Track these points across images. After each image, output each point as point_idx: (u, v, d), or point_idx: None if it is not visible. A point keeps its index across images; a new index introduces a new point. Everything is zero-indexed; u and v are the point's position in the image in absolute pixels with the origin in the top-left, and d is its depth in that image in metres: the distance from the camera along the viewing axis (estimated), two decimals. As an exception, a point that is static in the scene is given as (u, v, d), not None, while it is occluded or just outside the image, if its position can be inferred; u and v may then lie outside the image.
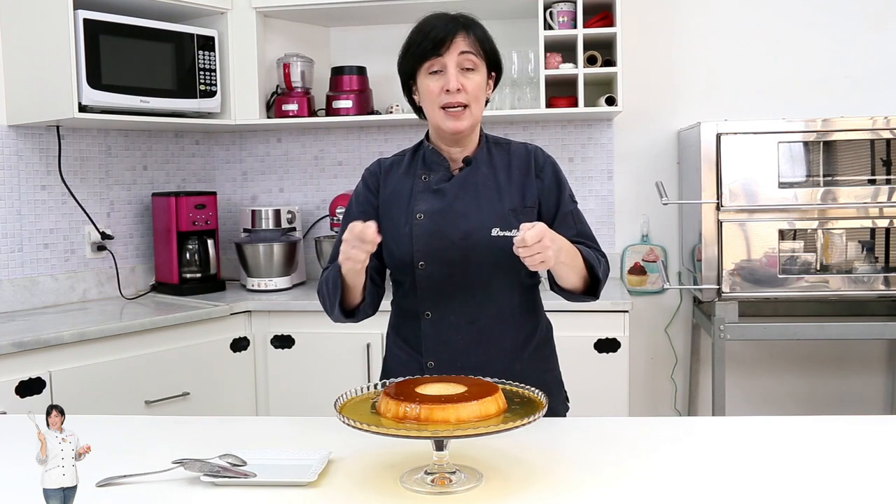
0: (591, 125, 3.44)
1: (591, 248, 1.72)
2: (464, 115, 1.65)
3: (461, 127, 1.65)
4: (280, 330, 3.03)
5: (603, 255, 1.74)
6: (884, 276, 2.84)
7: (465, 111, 1.65)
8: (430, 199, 1.70)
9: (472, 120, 1.67)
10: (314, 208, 3.65)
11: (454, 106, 1.64)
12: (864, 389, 3.38)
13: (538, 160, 1.75)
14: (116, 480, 1.29)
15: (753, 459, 1.36)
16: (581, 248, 1.66)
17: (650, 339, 3.47)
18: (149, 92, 2.92)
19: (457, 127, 1.65)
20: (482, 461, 1.34)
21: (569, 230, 1.71)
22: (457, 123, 1.65)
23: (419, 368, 1.71)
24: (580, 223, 1.76)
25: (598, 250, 1.73)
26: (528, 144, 1.78)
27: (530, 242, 1.43)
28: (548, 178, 1.73)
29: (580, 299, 1.71)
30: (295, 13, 3.31)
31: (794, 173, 2.90)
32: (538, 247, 1.44)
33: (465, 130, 1.67)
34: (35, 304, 2.98)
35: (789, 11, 3.30)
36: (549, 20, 3.11)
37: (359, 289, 1.64)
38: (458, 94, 1.63)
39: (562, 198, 1.74)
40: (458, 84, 1.63)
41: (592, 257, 1.67)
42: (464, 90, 1.64)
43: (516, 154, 1.75)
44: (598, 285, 1.69)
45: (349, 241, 1.50)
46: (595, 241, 1.76)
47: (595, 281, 1.68)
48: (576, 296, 1.69)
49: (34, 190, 3.00)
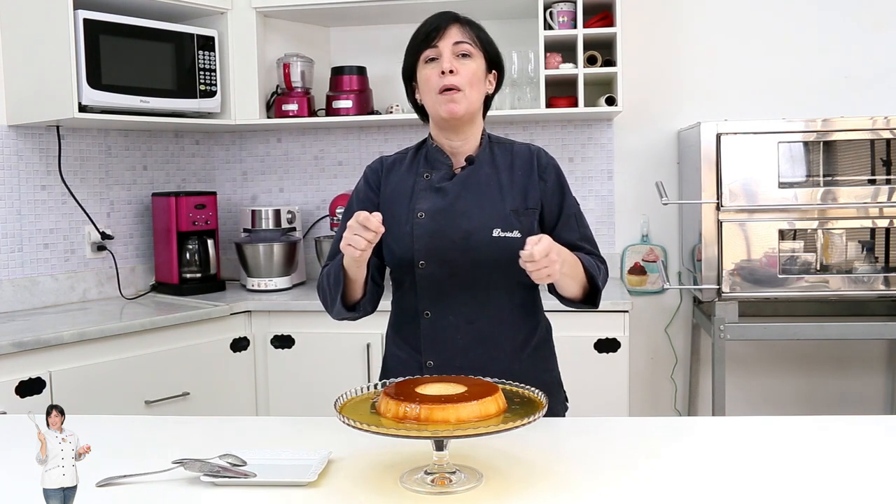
0: (591, 125, 3.44)
1: (592, 255, 1.73)
2: (458, 97, 1.65)
3: (456, 109, 1.65)
4: (280, 330, 3.03)
5: (603, 262, 1.74)
6: (884, 276, 2.84)
7: (459, 94, 1.65)
8: (432, 198, 1.70)
9: (467, 104, 1.66)
10: (314, 208, 3.65)
11: (449, 88, 1.64)
12: (864, 389, 3.38)
13: (541, 161, 1.75)
14: (116, 480, 1.29)
15: (753, 459, 1.36)
16: (582, 256, 1.67)
17: (650, 339, 3.47)
18: (149, 92, 2.92)
19: (452, 109, 1.65)
20: (482, 461, 1.34)
21: (572, 233, 1.72)
22: (452, 105, 1.65)
23: (418, 368, 1.71)
24: (583, 227, 1.76)
25: (598, 256, 1.74)
26: (531, 145, 1.79)
27: (538, 257, 1.44)
28: (551, 181, 1.74)
29: (579, 307, 1.72)
30: (295, 13, 3.31)
31: (794, 173, 2.90)
32: (545, 261, 1.45)
33: (461, 114, 1.66)
34: (35, 304, 2.98)
35: (789, 11, 3.31)
36: (549, 20, 3.11)
37: (360, 282, 1.64)
38: (452, 77, 1.64)
39: (565, 200, 1.74)
40: (451, 66, 1.64)
41: (593, 266, 1.68)
42: (458, 73, 1.65)
43: (519, 154, 1.75)
44: (597, 295, 1.69)
45: (352, 228, 1.49)
46: (596, 245, 1.77)
47: (595, 290, 1.69)
48: (575, 304, 1.71)
49: (34, 190, 3.00)
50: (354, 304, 1.69)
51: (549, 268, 1.46)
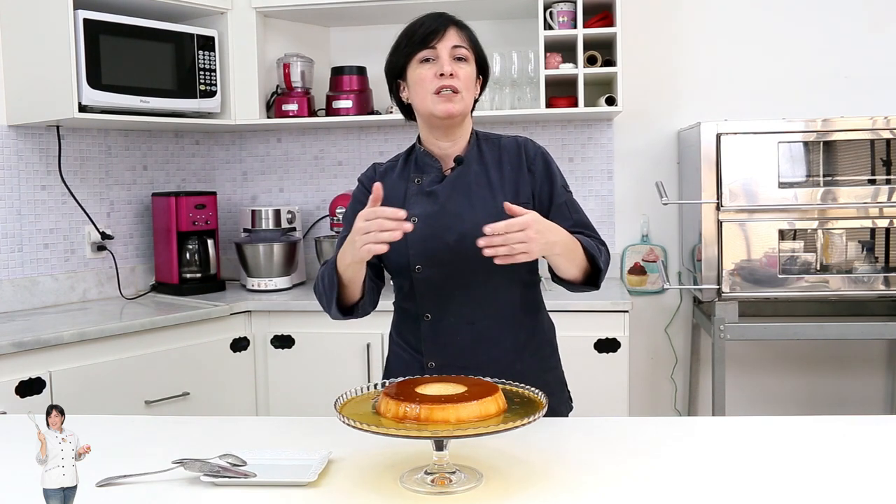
0: (591, 125, 3.44)
1: (591, 238, 1.70)
2: (456, 99, 1.65)
3: (453, 109, 1.65)
4: (280, 330, 3.03)
5: (603, 244, 1.71)
6: (884, 276, 2.84)
7: (457, 95, 1.65)
8: (423, 203, 1.69)
9: (463, 106, 1.66)
10: (314, 208, 3.66)
11: (447, 88, 1.64)
12: (864, 389, 3.38)
13: (528, 152, 1.73)
14: (116, 480, 1.29)
15: (753, 459, 1.36)
16: (581, 237, 1.65)
17: (650, 339, 3.47)
18: (149, 92, 2.92)
19: (449, 109, 1.65)
20: (482, 461, 1.34)
21: (565, 221, 1.68)
22: (449, 105, 1.64)
23: (420, 369, 1.71)
24: (576, 212, 1.74)
25: (597, 239, 1.72)
26: (518, 137, 1.77)
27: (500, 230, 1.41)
28: (539, 171, 1.72)
29: (580, 290, 1.69)
30: (295, 13, 3.31)
31: (794, 173, 2.90)
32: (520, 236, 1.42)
33: (457, 115, 1.66)
34: (35, 304, 2.98)
35: (789, 11, 3.31)
36: (549, 20, 3.11)
37: (358, 284, 1.62)
38: (451, 79, 1.64)
39: (554, 189, 1.72)
40: (451, 69, 1.64)
41: (593, 247, 1.65)
42: (457, 76, 1.64)
43: (506, 149, 1.74)
44: (598, 275, 1.67)
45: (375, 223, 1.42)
46: (593, 229, 1.74)
47: (596, 271, 1.66)
48: (576, 286, 1.67)
49: (34, 190, 3.00)
50: (352, 306, 1.68)
51: (526, 244, 1.43)
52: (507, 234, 1.43)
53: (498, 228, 1.43)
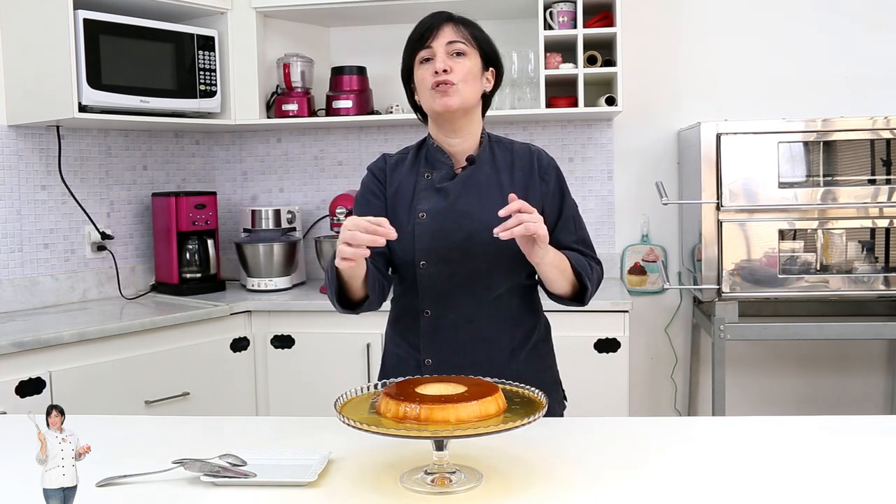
0: (591, 125, 3.44)
1: (587, 257, 1.73)
2: (452, 91, 1.65)
3: (450, 103, 1.65)
4: (280, 330, 3.03)
5: (598, 263, 1.75)
6: (884, 276, 2.84)
7: (453, 87, 1.65)
8: (433, 198, 1.70)
9: (460, 98, 1.66)
10: (314, 208, 3.66)
11: (442, 83, 1.64)
12: (864, 389, 3.38)
13: (542, 163, 1.75)
14: (116, 480, 1.29)
15: (753, 459, 1.36)
16: (571, 254, 1.68)
17: (650, 339, 3.47)
18: (149, 92, 2.92)
19: (445, 103, 1.65)
20: (482, 461, 1.34)
21: (569, 236, 1.73)
22: (445, 99, 1.65)
23: (416, 366, 1.72)
24: (580, 229, 1.77)
25: (593, 258, 1.75)
26: (531, 145, 1.79)
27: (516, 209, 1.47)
28: (552, 183, 1.74)
29: (567, 304, 1.73)
30: (295, 13, 3.31)
31: (794, 173, 2.90)
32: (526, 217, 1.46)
33: (455, 108, 1.66)
34: (35, 304, 2.98)
35: (790, 11, 3.31)
36: (549, 20, 3.11)
37: (358, 281, 1.61)
38: (444, 74, 1.64)
39: (564, 203, 1.75)
40: (444, 65, 1.64)
41: (584, 265, 1.68)
42: (452, 71, 1.65)
43: (519, 154, 1.76)
44: (584, 293, 1.70)
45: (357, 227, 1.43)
46: (592, 248, 1.77)
47: (583, 288, 1.69)
48: (563, 301, 1.71)
49: (34, 190, 3.00)
50: (356, 303, 1.67)
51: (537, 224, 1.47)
52: (521, 214, 1.46)
53: (513, 208, 1.47)
